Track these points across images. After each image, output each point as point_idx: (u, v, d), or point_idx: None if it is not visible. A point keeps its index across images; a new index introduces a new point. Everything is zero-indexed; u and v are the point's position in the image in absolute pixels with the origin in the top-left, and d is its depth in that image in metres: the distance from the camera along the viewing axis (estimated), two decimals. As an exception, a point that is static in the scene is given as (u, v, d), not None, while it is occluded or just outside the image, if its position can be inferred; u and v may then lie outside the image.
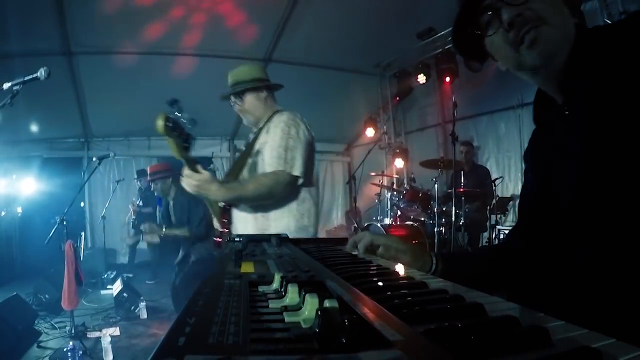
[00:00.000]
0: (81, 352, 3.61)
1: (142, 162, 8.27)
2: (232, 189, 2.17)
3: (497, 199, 5.42)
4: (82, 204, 8.27)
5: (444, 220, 5.37)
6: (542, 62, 0.94)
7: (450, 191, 5.33)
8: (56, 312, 4.94)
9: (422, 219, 5.77)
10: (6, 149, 7.08)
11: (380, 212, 6.93)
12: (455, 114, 5.04)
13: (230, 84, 2.46)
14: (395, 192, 6.24)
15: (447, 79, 6.29)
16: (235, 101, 2.45)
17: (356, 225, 6.20)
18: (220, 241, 2.29)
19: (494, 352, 0.43)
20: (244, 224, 2.33)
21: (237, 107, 2.46)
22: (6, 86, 2.64)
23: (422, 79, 6.65)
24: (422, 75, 6.62)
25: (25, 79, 2.64)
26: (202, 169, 2.07)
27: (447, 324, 0.48)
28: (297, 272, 0.77)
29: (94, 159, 5.10)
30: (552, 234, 1.07)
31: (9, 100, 2.65)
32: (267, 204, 2.26)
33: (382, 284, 0.75)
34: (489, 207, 5.44)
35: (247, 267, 0.83)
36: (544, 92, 1.09)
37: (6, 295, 4.40)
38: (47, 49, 5.69)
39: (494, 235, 5.28)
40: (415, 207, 5.80)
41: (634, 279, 0.83)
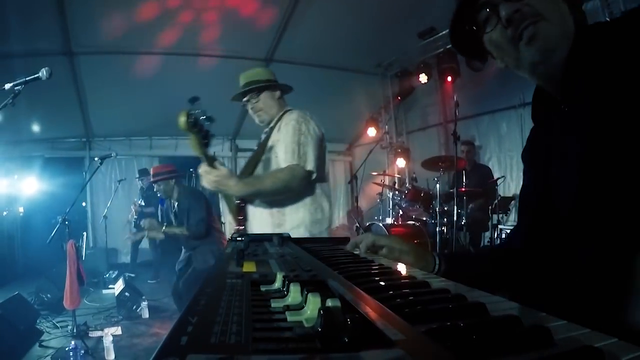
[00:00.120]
0: (83, 352, 3.62)
1: (143, 161, 8.29)
2: (249, 183, 2.21)
3: (499, 198, 5.41)
4: (83, 204, 8.29)
5: (445, 219, 5.37)
6: (541, 58, 0.94)
7: (452, 191, 5.33)
8: (58, 311, 4.95)
9: (424, 219, 5.77)
10: (8, 149, 7.09)
11: (382, 211, 6.94)
12: (456, 114, 5.04)
13: (244, 83, 2.50)
14: (397, 192, 6.24)
15: (449, 79, 6.29)
16: (250, 100, 2.50)
17: (358, 224, 6.20)
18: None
19: (496, 352, 0.43)
20: (260, 220, 2.38)
21: (251, 105, 2.51)
22: (8, 86, 2.64)
23: (423, 78, 6.65)
24: (424, 74, 6.62)
25: (26, 79, 2.65)
26: (221, 165, 2.10)
27: (449, 324, 0.48)
28: (299, 272, 0.77)
29: (96, 159, 5.10)
30: (552, 233, 1.06)
31: (11, 100, 2.66)
32: (282, 199, 2.31)
33: (384, 284, 0.75)
34: (490, 207, 5.43)
35: (249, 266, 0.83)
36: (543, 90, 1.09)
37: (8, 294, 4.41)
38: (48, 49, 5.70)
39: (495, 234, 5.26)
40: (417, 206, 5.80)
41: (636, 278, 0.82)
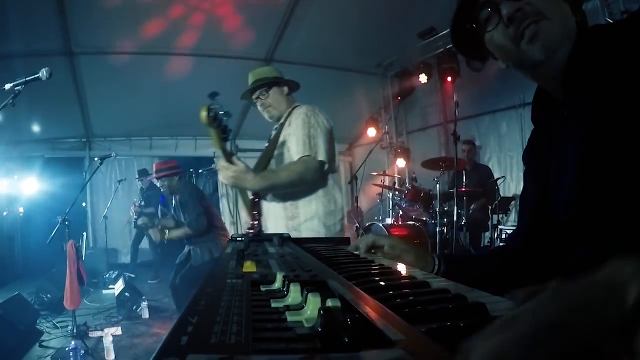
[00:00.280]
0: (83, 352, 3.61)
1: (143, 162, 8.29)
2: (265, 177, 2.25)
3: (499, 198, 5.41)
4: (83, 204, 8.29)
5: (445, 220, 5.37)
6: (543, 56, 0.93)
7: (451, 191, 5.33)
8: (58, 311, 4.95)
9: (424, 219, 5.77)
10: (8, 149, 7.09)
11: (381, 211, 6.93)
12: (456, 114, 5.04)
13: (253, 81, 2.56)
14: (396, 192, 6.24)
15: (449, 79, 6.28)
16: (259, 97, 2.56)
17: (358, 225, 6.19)
18: (252, 232, 2.33)
19: (496, 352, 0.43)
20: (274, 214, 2.44)
21: (261, 102, 2.57)
22: (8, 86, 2.64)
23: (423, 78, 6.64)
24: (424, 74, 6.62)
25: (26, 79, 2.65)
26: (238, 160, 2.14)
27: (449, 324, 0.48)
28: (299, 272, 0.77)
29: (96, 159, 5.10)
30: (551, 235, 1.07)
31: (11, 100, 2.66)
32: (296, 191, 2.36)
33: (384, 284, 0.75)
34: (490, 207, 5.43)
35: (249, 266, 0.83)
36: (543, 91, 1.08)
37: (8, 294, 4.41)
38: (48, 49, 5.70)
39: (495, 235, 5.26)
40: (416, 206, 5.80)
41: None
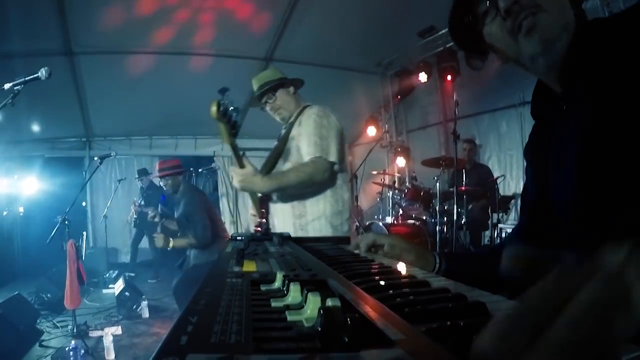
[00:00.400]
0: (83, 351, 3.62)
1: (143, 161, 8.29)
2: (274, 179, 2.25)
3: (499, 197, 5.42)
4: (83, 204, 8.30)
5: (445, 218, 5.37)
6: (541, 49, 0.93)
7: (451, 190, 5.33)
8: (58, 311, 4.96)
9: (424, 218, 5.77)
10: (8, 149, 7.09)
11: (381, 210, 6.94)
12: (456, 113, 5.04)
13: (259, 86, 2.55)
14: (396, 191, 6.24)
15: (449, 78, 6.28)
16: (267, 101, 2.55)
17: (358, 224, 6.20)
18: (259, 230, 2.33)
19: (496, 351, 0.43)
20: (282, 212, 2.44)
21: (269, 105, 2.56)
22: (7, 86, 2.65)
23: (423, 77, 6.65)
24: (424, 73, 6.62)
25: (26, 79, 2.65)
26: (247, 162, 2.14)
27: (449, 323, 0.48)
28: (299, 271, 0.77)
29: (96, 159, 5.11)
30: (551, 231, 1.06)
31: (11, 100, 2.66)
32: (304, 191, 2.36)
33: (384, 283, 0.75)
34: (490, 206, 5.43)
35: (249, 266, 0.83)
36: (543, 85, 1.08)
37: (8, 294, 4.41)
38: (48, 49, 5.70)
39: (495, 234, 5.27)
40: (416, 205, 5.81)
41: None
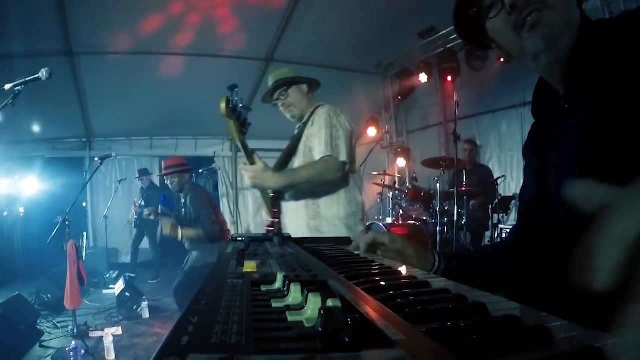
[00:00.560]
0: (83, 352, 3.62)
1: (144, 161, 8.30)
2: (285, 175, 2.25)
3: (499, 198, 5.42)
4: (84, 204, 8.30)
5: (446, 219, 5.36)
6: (544, 45, 0.92)
7: (452, 190, 5.33)
8: (58, 311, 4.96)
9: (424, 218, 5.77)
10: (8, 149, 7.10)
11: (382, 211, 6.93)
12: (457, 113, 5.04)
13: (273, 82, 2.57)
14: (397, 192, 6.24)
15: (449, 78, 6.28)
16: (279, 97, 2.56)
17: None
18: (271, 230, 2.33)
19: (496, 352, 0.43)
20: (295, 213, 2.43)
21: (282, 102, 2.56)
22: (8, 87, 2.65)
23: (423, 78, 6.65)
24: (424, 74, 6.62)
25: (27, 79, 2.65)
26: (258, 159, 2.15)
27: (449, 324, 0.48)
28: (300, 272, 0.77)
29: (96, 159, 5.10)
30: (549, 231, 1.06)
31: (11, 100, 2.67)
32: (317, 191, 2.36)
33: (384, 284, 0.75)
34: (491, 206, 5.43)
35: (250, 266, 0.83)
36: (544, 84, 1.07)
37: (9, 294, 4.41)
38: (48, 49, 5.70)
39: (496, 234, 5.27)
40: (417, 206, 5.80)
41: (634, 278, 0.81)
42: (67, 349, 3.56)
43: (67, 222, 4.39)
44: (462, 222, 5.23)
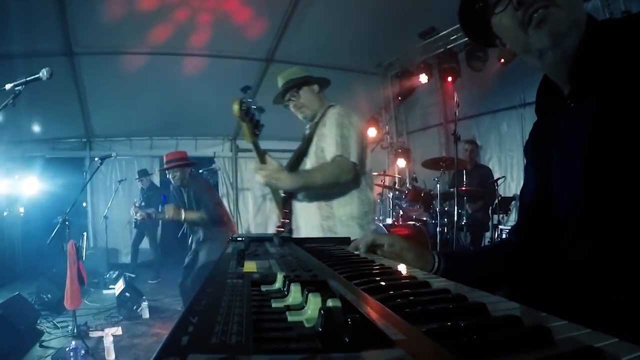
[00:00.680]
0: (83, 352, 3.62)
1: (144, 162, 8.30)
2: (300, 177, 2.24)
3: (500, 198, 5.42)
4: (84, 204, 8.30)
5: (446, 220, 5.37)
6: (549, 43, 0.92)
7: (452, 190, 5.33)
8: (58, 311, 4.96)
9: (424, 219, 5.77)
10: (8, 149, 7.10)
11: (382, 211, 6.93)
12: (457, 114, 5.04)
13: (283, 83, 2.54)
14: (397, 192, 6.24)
15: (449, 79, 6.29)
16: (290, 98, 2.53)
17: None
18: (281, 230, 2.33)
19: (496, 352, 0.43)
20: (308, 214, 2.42)
21: (293, 103, 2.54)
22: (8, 87, 2.65)
23: (424, 78, 6.66)
24: (424, 74, 6.63)
25: (27, 79, 2.65)
26: (270, 159, 2.13)
27: (449, 324, 0.48)
28: (300, 272, 0.77)
29: (96, 159, 5.09)
30: (551, 230, 1.05)
31: (11, 100, 2.66)
32: (330, 192, 2.35)
33: (384, 284, 0.75)
34: (491, 207, 5.43)
35: (250, 266, 0.83)
36: (549, 82, 1.06)
37: (9, 294, 4.41)
38: (49, 49, 5.71)
39: (496, 235, 5.27)
40: (417, 206, 5.80)
41: (637, 276, 0.82)
42: (67, 349, 3.56)
43: (67, 222, 4.38)
44: (462, 223, 5.24)
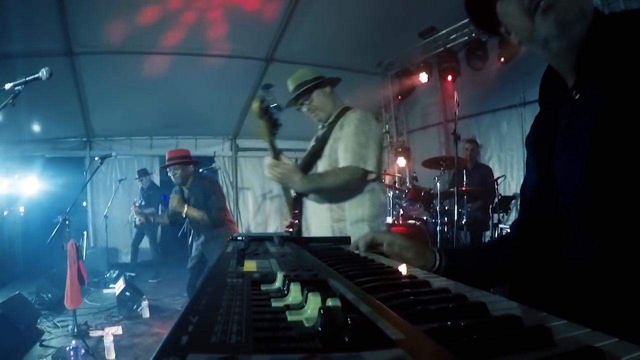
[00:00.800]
0: (83, 351, 3.62)
1: (144, 161, 8.31)
2: (313, 180, 2.26)
3: (500, 197, 5.41)
4: (84, 204, 8.30)
5: (446, 219, 5.37)
6: (556, 31, 0.90)
7: (452, 190, 5.33)
8: (59, 311, 4.96)
9: (425, 218, 5.77)
10: (8, 149, 7.09)
11: (382, 211, 6.92)
12: (457, 113, 5.04)
13: (294, 87, 2.52)
14: (397, 191, 6.24)
15: (449, 78, 6.29)
16: (303, 102, 2.52)
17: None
18: (290, 230, 2.32)
19: (496, 352, 0.43)
20: (319, 215, 2.44)
21: (306, 106, 2.52)
22: (8, 86, 2.65)
23: (424, 77, 6.66)
24: (424, 74, 6.63)
25: (27, 79, 2.65)
26: (286, 159, 2.14)
27: (449, 323, 0.48)
28: (300, 271, 0.77)
29: (96, 159, 5.09)
30: (553, 224, 1.03)
31: (11, 100, 2.66)
32: (342, 195, 2.36)
33: (384, 283, 0.75)
34: (491, 206, 5.43)
35: (250, 266, 0.83)
36: (552, 73, 1.05)
37: (9, 294, 4.42)
38: (48, 49, 5.70)
39: (496, 234, 5.27)
40: (417, 206, 5.80)
41: (638, 275, 0.81)
42: (67, 349, 3.56)
43: (67, 222, 4.38)
44: (462, 222, 5.23)
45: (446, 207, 5.42)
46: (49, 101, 6.00)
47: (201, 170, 8.50)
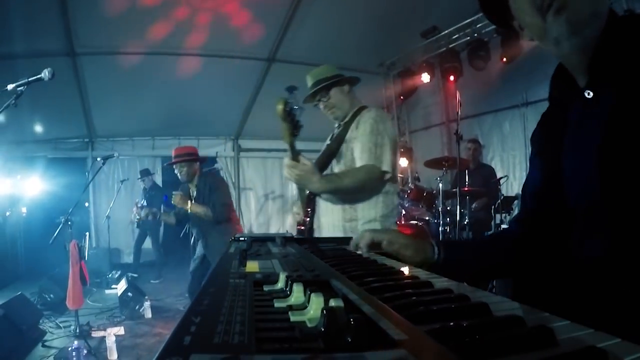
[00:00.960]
0: (86, 352, 3.62)
1: (146, 162, 8.31)
2: (330, 181, 2.25)
3: (502, 198, 5.40)
4: (86, 204, 8.31)
5: (448, 219, 5.36)
6: (568, 31, 0.89)
7: (454, 190, 5.32)
8: (61, 311, 4.97)
9: (427, 218, 5.76)
10: (11, 149, 7.11)
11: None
12: (459, 113, 5.03)
13: (313, 83, 2.51)
14: (399, 191, 6.23)
15: (451, 78, 6.27)
16: (321, 99, 2.52)
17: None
18: (302, 229, 2.33)
19: (499, 352, 0.43)
20: (332, 215, 2.43)
21: (323, 103, 2.52)
22: (10, 87, 2.65)
23: (426, 77, 6.65)
24: (426, 74, 6.62)
25: (29, 79, 2.65)
26: (304, 159, 2.14)
27: (452, 324, 0.48)
28: (302, 272, 0.77)
29: (99, 159, 5.09)
30: (559, 222, 1.03)
31: (13, 101, 2.67)
32: (356, 196, 2.36)
33: (387, 284, 0.75)
34: (493, 206, 5.42)
35: (252, 266, 0.83)
36: (563, 70, 1.03)
37: (11, 294, 4.42)
38: (51, 49, 5.72)
39: (498, 234, 5.26)
40: (419, 206, 5.79)
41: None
42: (69, 349, 3.56)
43: (69, 222, 4.38)
44: (465, 222, 5.22)
45: (448, 208, 5.41)
46: (51, 102, 6.01)
47: (203, 170, 8.52)
